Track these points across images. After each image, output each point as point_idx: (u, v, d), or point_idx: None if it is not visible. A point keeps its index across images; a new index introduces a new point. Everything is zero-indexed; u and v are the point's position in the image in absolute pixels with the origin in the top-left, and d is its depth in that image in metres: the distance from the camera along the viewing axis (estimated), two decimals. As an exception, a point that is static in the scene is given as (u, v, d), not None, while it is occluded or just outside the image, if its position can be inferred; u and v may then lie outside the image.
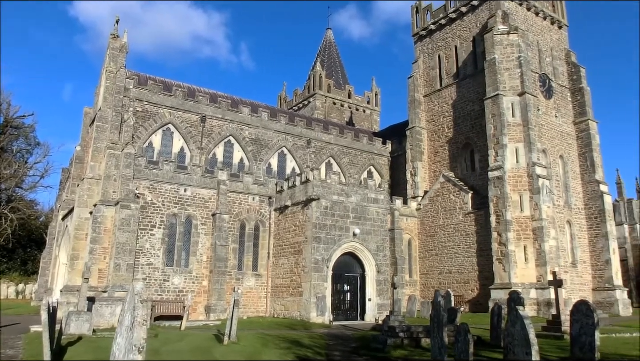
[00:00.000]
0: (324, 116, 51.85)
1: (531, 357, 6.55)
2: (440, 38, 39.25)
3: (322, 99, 54.24)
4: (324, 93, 54.63)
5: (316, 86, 54.51)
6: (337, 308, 26.51)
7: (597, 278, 33.99)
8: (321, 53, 60.90)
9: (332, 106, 55.05)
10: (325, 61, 59.08)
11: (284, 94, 61.11)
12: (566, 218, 33.93)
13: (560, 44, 38.61)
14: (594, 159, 35.50)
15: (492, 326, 15.87)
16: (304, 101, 55.93)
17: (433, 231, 34.77)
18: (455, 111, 36.74)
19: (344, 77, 59.65)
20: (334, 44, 62.32)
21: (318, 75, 54.86)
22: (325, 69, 57.06)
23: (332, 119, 51.89)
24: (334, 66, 59.32)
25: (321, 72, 55.25)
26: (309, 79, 57.05)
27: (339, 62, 60.85)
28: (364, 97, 58.46)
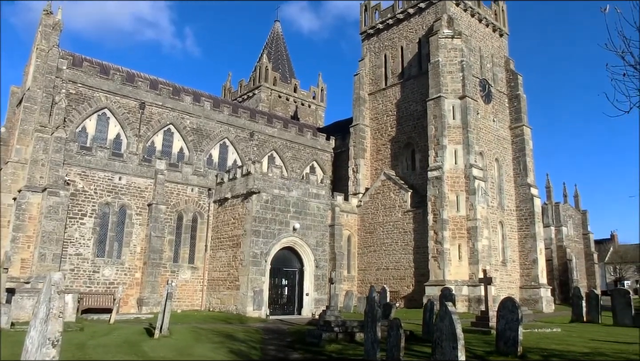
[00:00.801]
0: (269, 109, 51.36)
1: (457, 351, 6.68)
2: (388, 38, 39.80)
3: (267, 92, 53.71)
4: (270, 86, 54.12)
5: (262, 78, 53.90)
6: (275, 303, 26.34)
7: (524, 277, 35.71)
8: (268, 45, 60.29)
9: (277, 100, 54.64)
10: (272, 54, 58.53)
11: (229, 85, 60.01)
12: (499, 219, 35.39)
13: (500, 51, 40.17)
14: (527, 164, 37.22)
15: (425, 322, 16.22)
16: (249, 93, 55.16)
17: (372, 227, 35.28)
18: (398, 111, 37.40)
19: (290, 70, 59.35)
20: (281, 37, 61.84)
21: (264, 67, 54.26)
22: (272, 61, 56.52)
23: (277, 112, 51.51)
24: (280, 59, 58.89)
25: (267, 64, 54.68)
26: (254, 70, 56.29)
27: (286, 56, 60.48)
28: (309, 92, 58.43)
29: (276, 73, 55.59)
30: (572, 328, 19.67)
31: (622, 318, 20.73)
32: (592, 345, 13.23)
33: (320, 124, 56.60)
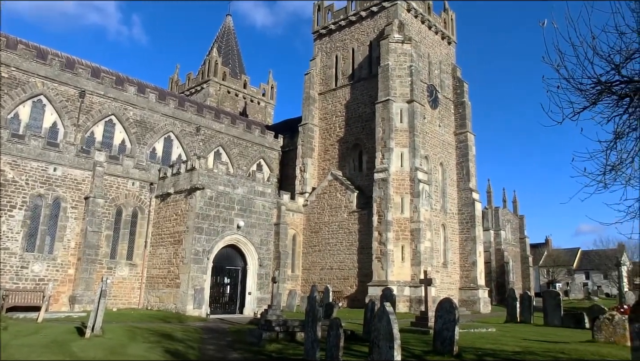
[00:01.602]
0: (217, 104, 50.38)
1: (393, 351, 6.63)
2: (339, 39, 39.95)
3: (216, 87, 52.68)
4: (219, 81, 53.12)
5: (211, 73, 52.81)
6: (216, 301, 25.75)
7: (464, 278, 36.78)
8: (219, 39, 59.21)
9: (226, 95, 53.70)
10: (222, 48, 57.51)
11: (176, 77, 58.43)
12: (441, 222, 36.26)
13: (448, 58, 41.23)
14: (470, 169, 38.38)
15: (366, 321, 16.27)
16: (197, 87, 53.93)
17: (318, 227, 35.25)
18: (347, 112, 37.60)
19: (240, 66, 58.54)
20: (232, 32, 60.88)
21: (214, 61, 53.19)
22: (222, 56, 55.51)
23: (225, 108, 50.62)
24: (231, 54, 57.96)
25: (217, 58, 53.65)
26: (204, 64, 55.08)
27: (237, 51, 59.61)
28: (259, 89, 57.85)
29: (226, 68, 54.64)
30: (506, 328, 20.36)
31: (552, 319, 21.70)
32: (524, 344, 13.68)
33: (269, 121, 56.15)
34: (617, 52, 6.79)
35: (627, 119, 7.17)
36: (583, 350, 12.30)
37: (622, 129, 7.24)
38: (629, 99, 7.00)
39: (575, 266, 75.44)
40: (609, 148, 7.34)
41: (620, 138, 7.29)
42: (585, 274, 74.74)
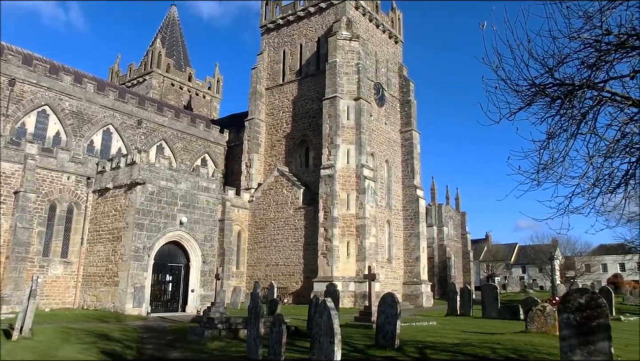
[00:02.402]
0: (160, 97, 48.88)
1: (334, 346, 6.62)
2: (287, 34, 39.71)
3: (159, 79, 51.10)
4: (162, 72, 51.54)
5: (154, 64, 51.14)
6: (157, 299, 25.00)
7: (408, 273, 37.62)
8: (163, 29, 57.42)
9: (170, 87, 52.20)
10: (166, 39, 55.82)
11: (117, 68, 56.16)
12: (386, 218, 36.88)
13: (395, 57, 41.90)
14: (414, 166, 39.23)
15: (310, 317, 16.23)
16: (139, 78, 52.08)
17: (264, 223, 34.98)
18: (295, 108, 37.47)
19: (185, 58, 57.06)
20: (177, 23, 59.23)
21: (157, 52, 51.53)
22: (166, 47, 53.87)
23: (169, 101, 49.21)
24: (175, 45, 56.38)
25: (161, 49, 52.03)
26: (146, 55, 53.28)
27: (182, 42, 58.06)
28: (205, 83, 56.65)
29: (170, 60, 53.08)
30: (447, 321, 20.95)
31: (490, 311, 22.54)
32: (462, 336, 14.09)
33: (215, 116, 55.10)
34: (550, 55, 7.03)
35: (559, 120, 7.46)
36: (517, 340, 12.80)
37: (555, 129, 7.52)
38: (560, 101, 7.28)
39: (513, 261, 78.97)
40: (542, 148, 7.61)
41: (553, 138, 7.57)
42: (522, 268, 78.33)
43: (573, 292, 9.16)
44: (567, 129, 7.47)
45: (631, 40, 6.39)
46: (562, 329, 8.77)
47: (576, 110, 7.28)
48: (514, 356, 10.54)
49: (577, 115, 7.30)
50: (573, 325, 8.53)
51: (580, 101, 7.21)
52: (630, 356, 10.56)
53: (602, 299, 8.70)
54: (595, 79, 6.90)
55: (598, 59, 6.75)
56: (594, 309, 8.42)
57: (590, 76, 6.85)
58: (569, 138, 7.45)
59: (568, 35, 6.84)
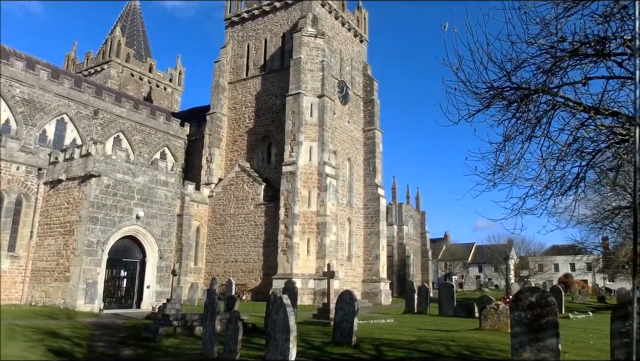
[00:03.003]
0: (119, 87, 47.43)
1: (289, 343, 6.59)
2: (252, 28, 39.27)
3: (118, 68, 49.59)
4: (122, 62, 50.03)
5: (113, 53, 49.58)
6: (111, 296, 24.30)
7: (367, 271, 37.94)
8: (123, 18, 55.73)
9: (129, 78, 50.73)
10: (126, 28, 54.22)
11: (73, 55, 54.08)
12: (347, 216, 37.07)
13: (360, 56, 42.11)
14: (376, 165, 39.57)
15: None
16: (97, 67, 50.38)
17: (223, 219, 34.54)
18: (258, 103, 37.13)
19: (146, 48, 55.59)
20: (139, 11, 57.63)
21: (117, 41, 49.96)
22: (126, 36, 52.30)
23: (128, 91, 47.83)
24: (136, 35, 54.84)
25: (121, 38, 50.46)
26: (105, 43, 51.58)
27: (143, 32, 56.55)
28: (166, 74, 55.39)
29: (130, 49, 51.57)
30: (404, 318, 21.24)
31: (446, 309, 23.01)
32: (418, 334, 14.31)
33: (176, 108, 53.99)
34: (508, 60, 7.18)
35: (515, 123, 7.64)
36: (471, 337, 13.08)
37: (511, 132, 7.69)
38: (517, 104, 7.45)
39: (470, 260, 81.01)
40: (499, 150, 7.78)
41: (509, 141, 7.75)
42: (479, 268, 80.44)
43: (525, 291, 9.42)
44: (523, 132, 7.65)
45: (584, 48, 6.59)
46: (514, 326, 9.01)
47: (531, 114, 7.47)
48: (468, 353, 10.76)
49: (532, 119, 7.49)
50: (524, 323, 8.77)
51: (536, 105, 7.40)
52: (577, 352, 10.96)
53: (551, 297, 8.99)
54: (550, 84, 7.09)
55: (553, 65, 6.94)
56: (544, 307, 8.68)
57: (545, 81, 7.03)
58: (524, 141, 7.64)
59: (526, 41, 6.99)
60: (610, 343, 8.00)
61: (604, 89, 6.82)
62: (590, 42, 6.41)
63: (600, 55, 6.45)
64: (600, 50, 6.38)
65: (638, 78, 3.49)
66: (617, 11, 6.22)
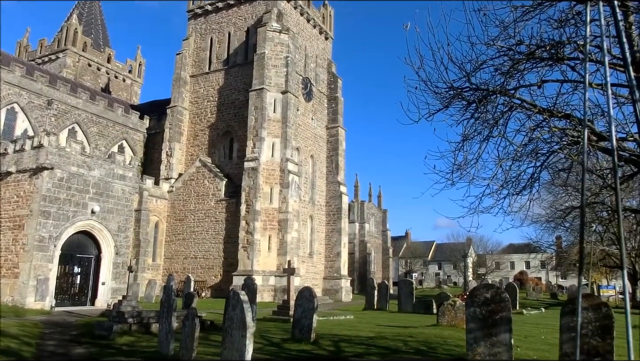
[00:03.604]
0: (75, 77, 45.75)
1: (245, 340, 6.52)
2: (216, 21, 38.65)
3: (74, 57, 47.82)
4: (78, 51, 48.26)
5: (69, 41, 47.74)
6: (64, 293, 23.46)
7: (328, 268, 38.08)
8: (80, 5, 53.80)
9: (86, 68, 49.02)
10: (84, 15, 52.35)
11: (26, 42, 51.79)
12: (309, 213, 37.08)
13: (325, 53, 42.11)
14: (339, 163, 39.72)
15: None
16: (52, 55, 48.42)
17: (183, 215, 33.93)
18: (220, 97, 36.61)
19: (105, 38, 53.86)
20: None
21: (73, 29, 48.13)
22: (83, 24, 50.49)
23: (85, 82, 46.22)
24: (94, 23, 53.04)
25: (77, 26, 48.66)
26: (61, 31, 49.63)
27: (101, 20, 54.74)
28: (126, 65, 53.84)
29: (87, 38, 49.81)
30: (364, 315, 21.44)
31: (405, 306, 23.36)
32: (377, 330, 14.46)
33: (136, 101, 52.59)
34: (468, 61, 7.29)
35: (473, 123, 7.77)
36: (428, 333, 13.32)
37: (469, 132, 7.82)
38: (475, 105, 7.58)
39: (430, 258, 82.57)
40: (457, 149, 7.90)
41: (467, 140, 7.88)
42: (438, 265, 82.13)
43: (480, 287, 9.66)
44: (481, 133, 7.80)
45: (540, 52, 6.76)
46: (469, 322, 9.22)
47: (489, 114, 7.62)
48: (425, 349, 10.94)
49: (490, 119, 7.64)
50: (479, 318, 8.99)
51: (494, 106, 7.55)
52: (528, 346, 11.32)
53: (505, 294, 9.24)
54: (508, 86, 7.24)
55: (511, 68, 7.09)
56: (498, 303, 8.91)
57: (503, 83, 7.17)
58: (482, 141, 7.78)
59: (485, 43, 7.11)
60: (560, 337, 8.29)
61: (558, 92, 7.02)
62: (545, 46, 6.58)
63: (555, 59, 6.64)
64: (555, 54, 6.57)
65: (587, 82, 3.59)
66: (572, 17, 6.40)
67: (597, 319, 7.85)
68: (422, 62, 7.30)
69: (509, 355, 8.64)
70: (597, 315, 7.86)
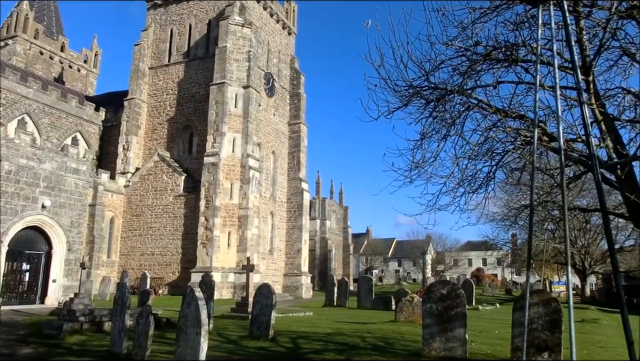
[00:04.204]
0: (26, 66, 43.82)
1: (200, 338, 6.42)
2: (176, 12, 37.78)
3: (25, 45, 45.79)
4: (29, 38, 46.22)
5: (19, 28, 45.64)
6: (11, 291, 22.45)
7: (289, 265, 38.01)
8: (32, -10, 51.56)
9: (38, 56, 47.03)
10: (35, 1, 50.12)
11: (-29, 27, 49.33)
12: (270, 209, 36.88)
13: (288, 49, 41.87)
14: (300, 159, 39.65)
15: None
16: (0, 42, 46.15)
17: (140, 210, 33.09)
18: (180, 91, 35.86)
19: (58, 26, 51.79)
20: (50, -16, 53.53)
21: (24, 15, 46.03)
22: (34, 10, 48.37)
23: (36, 71, 44.37)
24: (47, 10, 50.91)
25: (28, 12, 46.56)
26: (10, 16, 47.41)
27: (55, 7, 52.60)
28: (81, 55, 51.99)
29: (39, 25, 47.74)
30: (324, 311, 21.49)
31: (365, 302, 23.55)
32: (336, 326, 14.51)
33: (91, 92, 50.87)
34: (427, 60, 7.36)
35: (432, 122, 7.87)
36: (386, 329, 13.48)
37: (428, 130, 7.92)
38: (434, 103, 7.68)
39: (390, 255, 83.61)
40: (416, 147, 7.98)
41: (426, 138, 7.98)
42: (398, 262, 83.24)
43: (436, 284, 9.85)
44: (439, 131, 7.90)
45: (496, 53, 6.90)
46: (425, 318, 9.39)
47: (447, 114, 7.74)
48: (382, 345, 11.05)
49: (448, 118, 7.75)
50: (435, 314, 9.16)
51: (452, 105, 7.66)
52: (482, 340, 11.61)
53: (460, 290, 9.45)
54: (465, 86, 7.36)
55: (469, 68, 7.21)
56: (454, 299, 9.11)
57: (461, 83, 7.28)
58: (440, 140, 7.89)
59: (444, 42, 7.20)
60: (512, 331, 8.54)
61: (513, 93, 7.20)
62: (501, 47, 6.71)
63: (510, 61, 6.79)
64: (510, 56, 6.72)
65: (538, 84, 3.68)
66: (527, 20, 6.56)
67: (547, 314, 8.13)
68: (382, 60, 7.32)
69: (464, 349, 8.84)
70: (547, 309, 8.14)
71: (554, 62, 3.01)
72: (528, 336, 8.09)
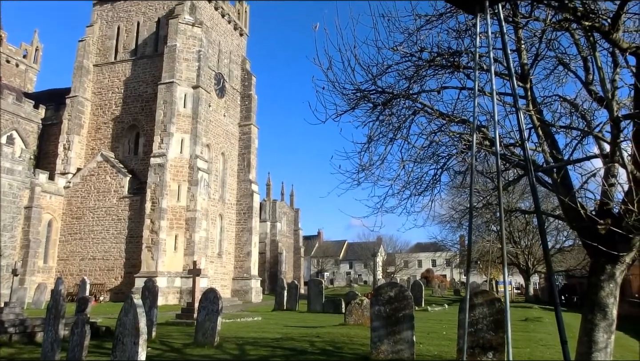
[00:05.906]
0: (-42, 59, 41.22)
1: (138, 347, 6.09)
2: (124, 9, 36.53)
3: (-43, 37, 43.12)
4: (-38, 31, 43.57)
5: (-48, 19, 43.01)
6: (-64, 300, 20.89)
7: (238, 268, 37.43)
8: (-35, -20, 48.56)
9: (-29, 50, 44.35)
10: (-31, -8, 47.33)
11: None
12: (219, 212, 36.23)
13: (239, 50, 41.38)
14: (251, 161, 39.23)
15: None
16: None
17: (81, 213, 31.66)
18: (126, 89, 34.66)
19: (-5, 18, 49.17)
20: (-13, -25, 50.59)
21: (-43, 6, 43.47)
22: (-31, 1, 45.68)
23: (-30, 65, 41.80)
24: (-18, 2, 48.14)
25: (-38, 3, 43.99)
26: (-58, 7, 44.59)
27: (-9, -1, 49.82)
28: (20, 49, 49.40)
29: (-26, 17, 45.12)
30: (273, 316, 21.25)
31: (315, 305, 23.45)
32: (285, 331, 14.34)
33: (30, 88, 48.41)
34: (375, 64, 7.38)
35: (379, 125, 7.90)
36: (335, 332, 13.41)
37: (375, 134, 7.94)
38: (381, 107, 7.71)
39: (342, 257, 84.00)
40: (363, 150, 7.99)
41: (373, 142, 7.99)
42: (349, 264, 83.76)
43: (384, 286, 9.86)
44: (386, 135, 7.94)
45: (440, 60, 7.00)
46: (373, 320, 9.38)
47: (394, 117, 7.79)
48: (331, 349, 10.99)
49: (395, 122, 7.81)
50: (383, 317, 9.17)
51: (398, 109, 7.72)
52: (430, 342, 11.75)
53: (408, 292, 9.51)
54: (411, 91, 7.43)
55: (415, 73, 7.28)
56: (401, 301, 9.16)
57: (407, 88, 7.34)
58: (387, 143, 7.93)
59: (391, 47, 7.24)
60: (458, 332, 8.67)
61: (457, 99, 7.32)
62: (444, 54, 6.82)
63: (453, 67, 6.91)
64: (453, 63, 6.83)
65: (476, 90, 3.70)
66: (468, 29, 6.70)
67: (491, 314, 8.28)
68: (330, 63, 7.27)
69: (411, 351, 8.89)
70: (491, 310, 8.29)
71: (491, 69, 3.02)
72: (474, 336, 8.24)
